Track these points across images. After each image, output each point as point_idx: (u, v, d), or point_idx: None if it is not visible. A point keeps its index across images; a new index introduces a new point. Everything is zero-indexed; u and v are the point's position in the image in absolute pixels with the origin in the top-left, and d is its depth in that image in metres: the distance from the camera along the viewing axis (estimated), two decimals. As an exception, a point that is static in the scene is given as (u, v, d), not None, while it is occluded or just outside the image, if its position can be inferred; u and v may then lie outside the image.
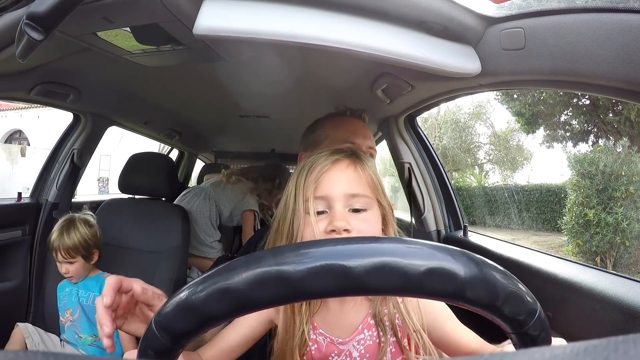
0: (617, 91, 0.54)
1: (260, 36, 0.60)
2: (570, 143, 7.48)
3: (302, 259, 0.28)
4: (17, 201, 1.55)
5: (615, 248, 5.70)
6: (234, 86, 1.36)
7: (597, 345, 0.13)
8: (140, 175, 1.56)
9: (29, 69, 1.05)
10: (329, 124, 0.98)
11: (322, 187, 0.56)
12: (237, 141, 2.92)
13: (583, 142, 7.26)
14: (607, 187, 5.57)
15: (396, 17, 0.62)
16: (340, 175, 0.57)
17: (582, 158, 6.01)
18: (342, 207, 0.55)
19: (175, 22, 0.74)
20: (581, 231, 5.96)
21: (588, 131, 7.06)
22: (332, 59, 0.96)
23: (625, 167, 5.51)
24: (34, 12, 0.53)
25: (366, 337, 0.58)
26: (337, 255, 0.28)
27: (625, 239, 5.62)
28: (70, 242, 1.30)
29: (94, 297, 1.34)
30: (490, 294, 0.28)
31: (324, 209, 0.56)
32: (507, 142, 11.71)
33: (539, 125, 7.37)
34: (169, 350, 0.31)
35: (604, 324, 0.64)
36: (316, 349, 0.59)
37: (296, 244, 0.31)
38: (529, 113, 7.15)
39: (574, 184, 6.12)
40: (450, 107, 12.29)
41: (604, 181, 5.61)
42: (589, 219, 5.79)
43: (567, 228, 6.25)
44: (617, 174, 5.55)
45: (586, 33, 0.52)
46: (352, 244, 0.29)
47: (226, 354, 0.57)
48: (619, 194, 5.48)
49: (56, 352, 0.16)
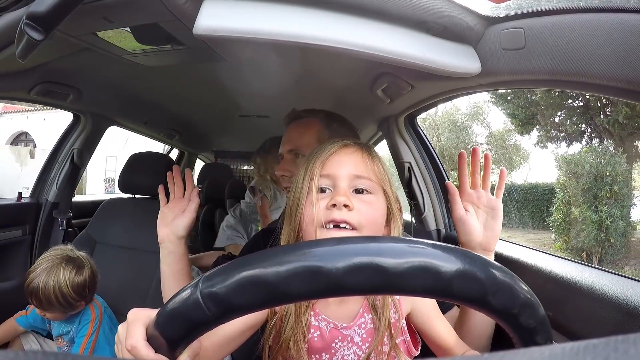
0: (617, 91, 0.54)
1: (260, 36, 0.60)
2: (563, 143, 7.78)
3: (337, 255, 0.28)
4: (17, 201, 1.55)
5: (601, 244, 5.98)
6: (234, 86, 1.36)
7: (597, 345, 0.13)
8: (140, 174, 1.56)
9: (29, 69, 1.05)
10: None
11: (328, 166, 0.58)
12: (237, 141, 2.92)
13: (575, 143, 7.54)
14: (592, 186, 5.86)
15: (396, 17, 0.62)
16: (347, 157, 0.59)
17: (570, 159, 6.32)
18: (346, 186, 0.57)
19: (175, 22, 0.74)
20: (568, 228, 6.30)
21: (579, 132, 7.28)
22: (332, 59, 0.96)
23: (610, 168, 5.77)
24: (34, 12, 0.53)
25: (367, 321, 0.59)
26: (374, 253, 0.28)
27: (610, 235, 5.88)
28: (43, 296, 1.05)
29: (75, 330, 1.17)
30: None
31: (327, 187, 0.58)
32: (504, 142, 11.81)
33: (532, 127, 7.64)
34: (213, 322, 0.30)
35: (604, 323, 0.64)
36: (319, 335, 0.58)
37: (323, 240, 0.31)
38: (522, 115, 7.44)
39: (561, 184, 6.44)
40: (448, 108, 12.54)
41: (590, 181, 5.89)
42: (575, 217, 6.13)
43: (554, 225, 6.61)
44: (602, 174, 5.82)
45: (586, 33, 0.52)
46: (394, 243, 0.30)
47: (226, 342, 0.56)
48: (604, 193, 5.76)
49: (56, 352, 0.16)
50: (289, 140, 0.96)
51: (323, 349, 0.58)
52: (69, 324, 1.20)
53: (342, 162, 0.58)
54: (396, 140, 1.38)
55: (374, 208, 0.57)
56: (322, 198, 0.57)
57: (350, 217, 0.55)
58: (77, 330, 1.20)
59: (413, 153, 1.39)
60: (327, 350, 0.58)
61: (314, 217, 0.55)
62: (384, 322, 0.57)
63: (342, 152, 0.59)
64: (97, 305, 1.24)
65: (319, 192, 0.58)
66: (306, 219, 0.57)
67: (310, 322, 0.58)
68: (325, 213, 0.55)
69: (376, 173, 0.59)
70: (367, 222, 0.56)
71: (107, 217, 1.54)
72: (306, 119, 0.98)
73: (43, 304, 1.08)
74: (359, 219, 0.55)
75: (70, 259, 1.13)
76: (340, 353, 0.58)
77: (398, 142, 1.38)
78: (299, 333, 0.57)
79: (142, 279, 1.41)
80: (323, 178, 0.58)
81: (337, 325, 0.58)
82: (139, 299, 1.39)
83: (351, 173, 0.57)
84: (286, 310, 0.58)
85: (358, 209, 0.55)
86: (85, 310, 1.21)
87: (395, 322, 0.59)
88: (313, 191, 0.57)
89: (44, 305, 1.08)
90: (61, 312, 1.13)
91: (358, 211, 0.55)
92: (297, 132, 0.96)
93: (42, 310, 1.11)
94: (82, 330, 1.19)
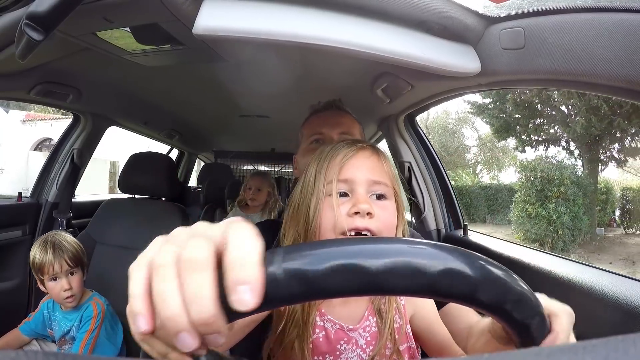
0: (617, 90, 0.54)
1: (260, 36, 0.60)
2: (533, 149, 9.07)
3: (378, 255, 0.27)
4: (17, 201, 1.55)
5: (550, 236, 7.41)
6: (234, 86, 1.36)
7: (597, 345, 0.13)
8: (140, 175, 1.56)
9: (28, 69, 1.05)
10: (305, 121, 0.99)
11: (346, 170, 0.57)
12: (237, 141, 2.92)
13: (544, 149, 8.87)
14: (543, 188, 7.33)
15: (396, 17, 0.62)
16: (365, 162, 0.58)
17: (526, 165, 7.78)
18: (365, 191, 0.56)
19: (175, 22, 0.74)
20: (524, 222, 7.65)
21: (545, 140, 8.62)
22: (332, 59, 0.96)
23: (557, 173, 7.23)
24: (34, 12, 0.53)
25: (371, 324, 0.58)
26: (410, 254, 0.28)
27: (558, 229, 7.26)
28: (71, 248, 1.18)
29: (76, 327, 1.20)
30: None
31: (345, 192, 0.56)
32: (493, 144, 12.15)
33: (507, 134, 8.89)
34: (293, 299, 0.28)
35: (604, 323, 0.64)
36: (324, 336, 0.58)
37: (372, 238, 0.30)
38: (497, 124, 8.72)
39: (519, 185, 7.92)
40: (439, 114, 13.26)
41: (542, 183, 7.34)
42: (529, 213, 7.51)
43: (514, 220, 8.06)
44: (551, 177, 7.27)
45: (586, 32, 0.52)
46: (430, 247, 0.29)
47: (233, 333, 0.54)
48: (552, 193, 7.24)
49: (56, 352, 0.16)
50: (340, 124, 0.93)
51: (327, 351, 0.57)
52: (71, 320, 1.21)
53: (360, 167, 0.57)
54: (396, 140, 1.38)
55: (389, 213, 0.57)
56: (342, 203, 0.55)
57: (371, 225, 0.54)
58: (79, 327, 1.20)
59: (413, 153, 1.39)
60: (332, 352, 0.57)
61: (335, 223, 0.54)
62: (389, 326, 0.57)
63: (359, 156, 0.58)
64: (100, 303, 1.25)
65: (340, 197, 0.56)
66: (325, 224, 0.55)
67: (316, 322, 0.58)
68: (348, 220, 0.54)
69: (390, 176, 0.59)
70: (385, 228, 0.55)
71: (107, 217, 1.54)
72: (351, 116, 0.97)
73: (72, 260, 1.16)
74: (378, 226, 0.54)
75: (59, 232, 1.26)
76: (345, 356, 0.57)
77: (398, 142, 1.38)
78: (304, 333, 0.56)
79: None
80: (340, 183, 0.56)
81: (343, 326, 0.58)
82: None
83: (369, 178, 0.56)
84: (292, 310, 0.58)
85: (377, 216, 0.54)
86: (88, 307, 1.23)
87: (399, 327, 0.59)
88: (333, 195, 0.55)
89: (73, 260, 1.16)
90: (81, 276, 1.20)
91: (377, 218, 0.54)
92: (348, 120, 0.95)
93: (68, 272, 1.17)
94: (84, 326, 1.20)
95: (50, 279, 1.15)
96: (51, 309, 1.24)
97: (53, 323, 1.24)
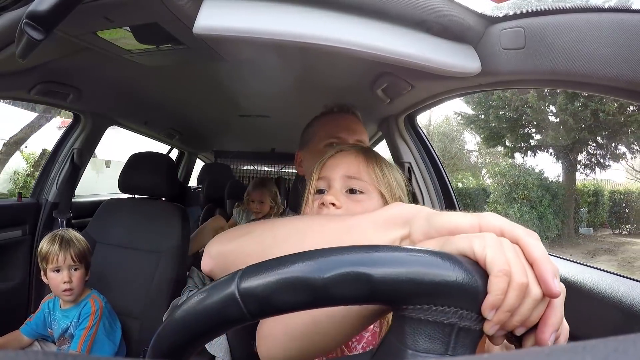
0: (617, 91, 0.54)
1: (260, 36, 0.60)
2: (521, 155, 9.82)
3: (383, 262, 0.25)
4: (17, 201, 1.55)
5: None
6: (234, 86, 1.36)
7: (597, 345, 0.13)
8: (140, 175, 1.56)
9: (29, 69, 1.05)
10: (317, 121, 1.00)
11: (325, 169, 0.62)
12: (237, 141, 2.92)
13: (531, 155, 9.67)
14: (511, 190, 8.44)
15: (396, 17, 0.62)
16: (342, 160, 0.62)
17: (498, 170, 8.91)
18: (340, 187, 0.60)
19: (175, 22, 0.74)
20: None
21: (530, 147, 9.50)
22: (332, 59, 0.96)
23: (523, 178, 8.32)
24: (34, 11, 0.52)
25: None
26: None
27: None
28: (78, 244, 1.22)
29: (75, 324, 1.22)
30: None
31: (324, 188, 0.61)
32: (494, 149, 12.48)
33: (494, 142, 9.87)
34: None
35: (604, 323, 0.64)
36: None
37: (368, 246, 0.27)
38: (485, 133, 9.81)
39: (493, 188, 9.06)
40: (439, 120, 13.74)
41: (510, 186, 8.45)
42: (499, 212, 8.68)
43: None
44: (518, 182, 8.35)
45: (586, 33, 0.52)
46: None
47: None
48: (517, 195, 8.35)
49: (56, 352, 0.16)
50: (355, 131, 0.94)
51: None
52: (69, 317, 1.22)
53: (337, 165, 0.61)
54: (396, 140, 1.38)
55: (363, 207, 0.58)
56: (316, 199, 0.60)
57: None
58: (77, 323, 1.21)
59: (413, 153, 1.39)
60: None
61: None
62: (386, 324, 0.57)
63: (339, 155, 0.63)
64: (98, 300, 1.26)
65: (317, 193, 0.61)
66: None
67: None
68: (317, 212, 0.58)
69: (370, 175, 0.61)
70: None
71: (107, 217, 1.54)
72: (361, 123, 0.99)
73: (79, 255, 1.20)
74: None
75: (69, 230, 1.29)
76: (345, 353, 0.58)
77: (398, 142, 1.38)
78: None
79: (142, 278, 1.41)
80: (320, 180, 0.61)
81: None
82: (139, 298, 1.40)
83: (343, 174, 0.60)
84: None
85: (347, 208, 0.58)
86: (87, 304, 1.24)
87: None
88: (310, 192, 0.61)
89: (79, 256, 1.20)
90: (83, 273, 1.22)
91: (346, 209, 0.57)
92: (361, 127, 0.97)
93: (72, 267, 1.19)
94: (82, 323, 1.21)
95: (53, 269, 1.18)
96: (52, 308, 1.25)
97: (53, 322, 1.24)
